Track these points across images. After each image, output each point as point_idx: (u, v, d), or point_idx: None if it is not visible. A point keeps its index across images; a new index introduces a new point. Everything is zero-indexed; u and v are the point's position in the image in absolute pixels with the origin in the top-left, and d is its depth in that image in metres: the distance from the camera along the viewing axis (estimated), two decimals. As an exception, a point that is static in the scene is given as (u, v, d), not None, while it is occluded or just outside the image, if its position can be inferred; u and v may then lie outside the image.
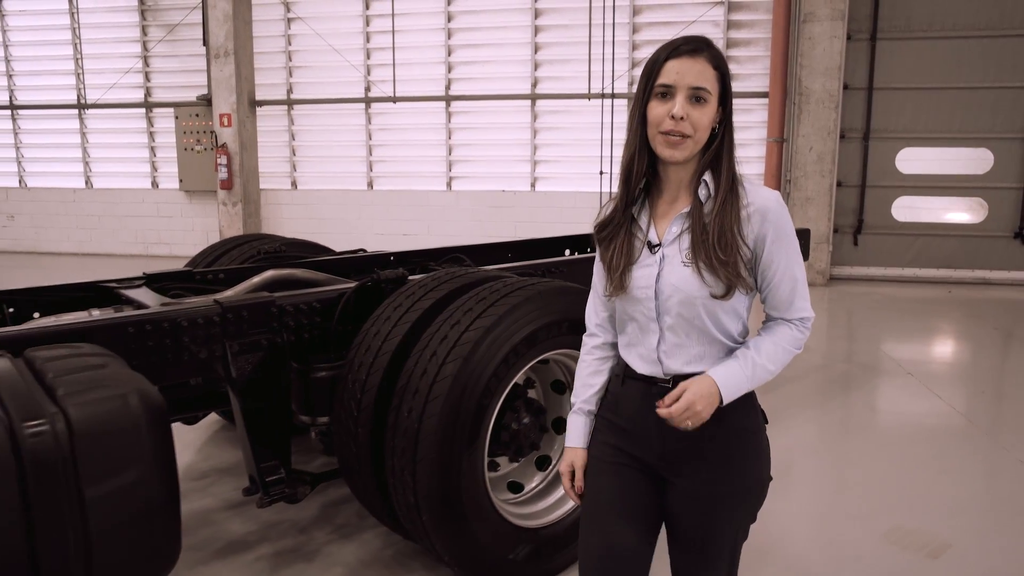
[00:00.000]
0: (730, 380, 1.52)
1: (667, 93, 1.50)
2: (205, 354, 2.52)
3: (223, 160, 10.68)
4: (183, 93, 11.33)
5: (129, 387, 1.80)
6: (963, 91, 8.83)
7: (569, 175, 10.18)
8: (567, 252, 4.91)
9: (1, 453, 1.56)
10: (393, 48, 10.47)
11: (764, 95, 9.39)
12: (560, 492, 2.76)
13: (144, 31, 11.43)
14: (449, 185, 10.71)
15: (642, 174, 1.58)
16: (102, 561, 1.72)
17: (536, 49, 10.11)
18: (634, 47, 9.84)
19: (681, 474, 1.60)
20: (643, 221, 1.60)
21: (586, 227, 3.29)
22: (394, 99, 10.61)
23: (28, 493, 1.60)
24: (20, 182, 12.31)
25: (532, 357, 2.49)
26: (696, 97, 1.49)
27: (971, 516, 3.26)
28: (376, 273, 2.87)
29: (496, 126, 10.38)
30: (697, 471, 1.58)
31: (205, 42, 10.72)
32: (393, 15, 10.42)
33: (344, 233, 10.64)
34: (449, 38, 10.38)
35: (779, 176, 9.21)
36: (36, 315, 3.01)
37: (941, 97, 8.91)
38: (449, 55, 10.41)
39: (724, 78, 1.54)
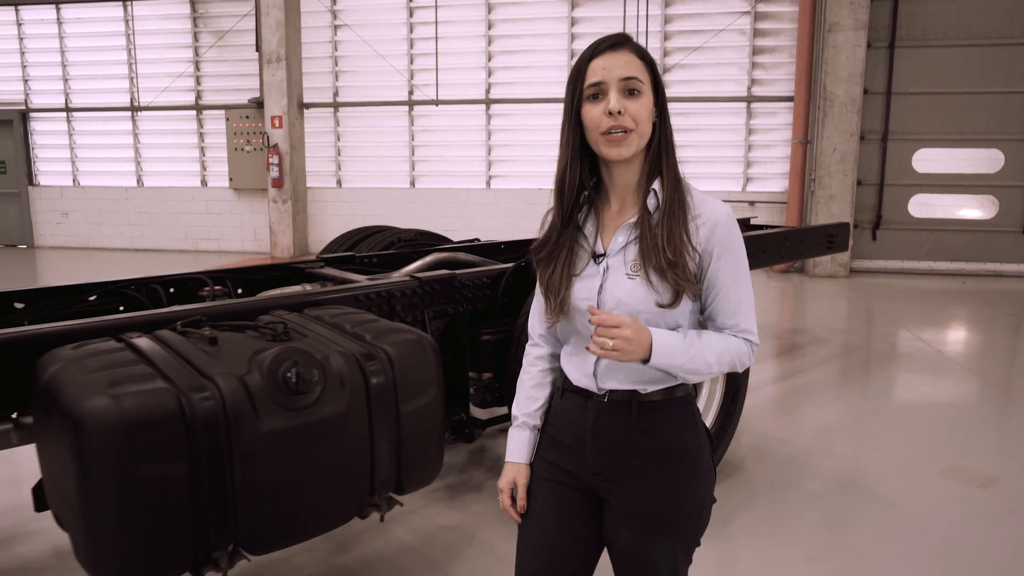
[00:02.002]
0: (665, 340, 1.42)
1: (598, 93, 1.44)
2: (410, 319, 3.13)
3: (275, 160, 11.28)
4: (233, 96, 11.91)
5: (416, 332, 2.42)
6: (975, 95, 9.49)
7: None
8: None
9: (358, 382, 2.17)
10: (436, 54, 11.08)
11: (788, 99, 10.04)
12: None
13: (196, 37, 12.02)
14: (488, 183, 11.32)
15: (575, 185, 1.50)
16: (406, 462, 2.33)
17: (572, 55, 10.71)
18: (665, 53, 10.47)
19: (617, 494, 1.54)
20: (589, 231, 1.53)
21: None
22: (436, 102, 11.22)
23: (371, 410, 2.21)
24: (74, 181, 12.88)
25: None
26: (629, 90, 1.43)
27: (1012, 458, 3.90)
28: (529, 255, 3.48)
29: (534, 128, 10.98)
30: (632, 492, 1.52)
31: (258, 48, 11.32)
32: (436, 22, 11.03)
33: (387, 229, 11.25)
34: (489, 44, 10.99)
35: (804, 175, 9.86)
36: (239, 291, 3.62)
37: (955, 101, 9.57)
38: (489, 60, 11.02)
39: (654, 68, 1.47)
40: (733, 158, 10.46)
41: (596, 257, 1.50)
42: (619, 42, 1.46)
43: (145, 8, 12.06)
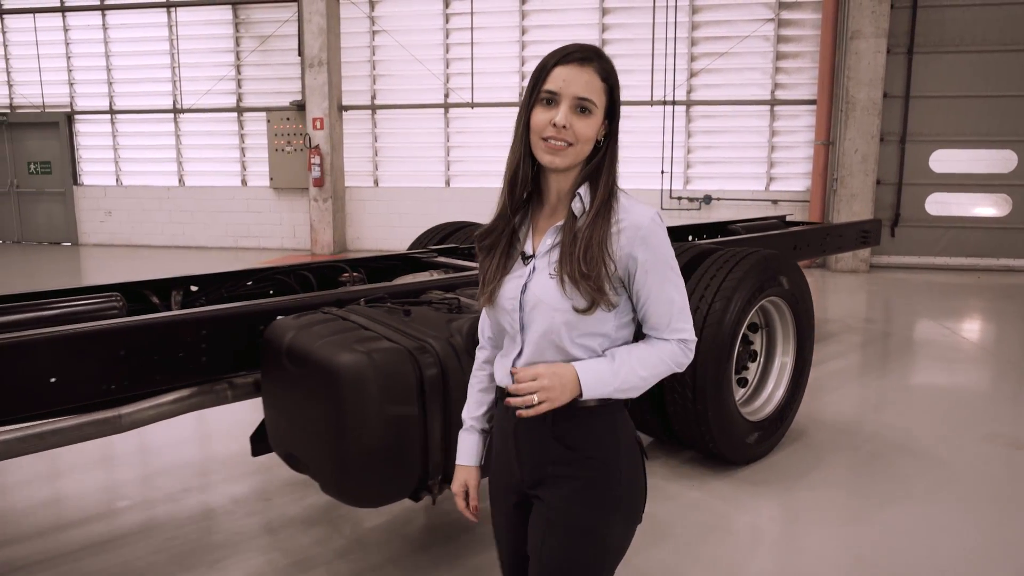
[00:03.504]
0: (591, 371, 1.44)
1: (552, 100, 1.45)
2: (530, 300, 3.62)
3: (316, 160, 11.76)
4: (273, 99, 12.39)
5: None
6: (990, 99, 10.00)
7: (633, 173, 11.26)
8: (692, 237, 6.03)
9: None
10: (472, 58, 11.57)
11: (810, 102, 10.54)
12: (761, 400, 3.88)
13: (237, 42, 12.49)
14: (521, 183, 11.78)
15: (527, 181, 1.52)
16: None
17: (602, 60, 11.19)
18: (692, 59, 10.96)
19: (538, 498, 1.56)
20: (522, 232, 1.57)
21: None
22: (472, 104, 11.71)
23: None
24: (117, 181, 13.35)
25: (758, 301, 3.60)
26: (581, 107, 1.44)
27: (1042, 428, 4.40)
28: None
29: (565, 129, 11.46)
30: (548, 497, 1.53)
31: (300, 53, 11.80)
32: (472, 28, 11.53)
33: (423, 227, 11.59)
34: (523, 50, 11.48)
35: (825, 175, 10.36)
36: (362, 277, 4.10)
37: (970, 104, 10.07)
38: (523, 65, 11.50)
39: (612, 92, 1.49)
40: (757, 158, 10.95)
41: (525, 258, 1.54)
42: (587, 58, 1.46)
43: (188, 14, 12.54)
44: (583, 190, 1.49)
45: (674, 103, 10.96)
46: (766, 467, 3.76)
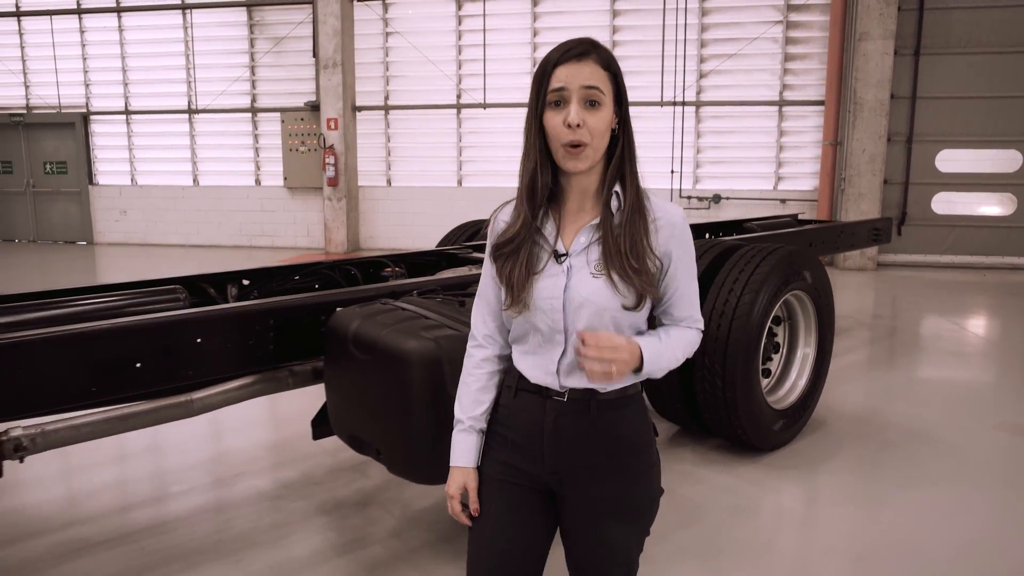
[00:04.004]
0: (650, 348, 1.48)
1: (560, 100, 1.46)
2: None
3: (331, 160, 11.93)
4: (287, 99, 12.56)
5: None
6: (995, 100, 10.18)
7: (644, 173, 11.41)
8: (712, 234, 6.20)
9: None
10: (484, 59, 11.75)
11: (817, 103, 10.72)
12: (784, 389, 4.06)
13: (252, 44, 12.66)
14: (532, 182, 11.95)
15: (547, 187, 1.53)
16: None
17: (613, 61, 11.37)
18: (702, 60, 11.14)
19: (573, 488, 1.57)
20: (548, 231, 1.55)
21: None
22: (484, 105, 11.88)
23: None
24: (132, 180, 13.52)
25: (783, 294, 3.78)
26: (590, 101, 1.45)
27: (1051, 418, 4.58)
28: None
29: (575, 130, 11.64)
30: (590, 486, 1.56)
31: (315, 54, 11.97)
32: (484, 30, 11.70)
33: (435, 226, 11.85)
34: (535, 51, 11.66)
35: (833, 175, 10.53)
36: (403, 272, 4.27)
37: (975, 105, 10.25)
38: (534, 66, 11.63)
39: (617, 78, 1.50)
40: (765, 158, 11.13)
41: (558, 257, 1.52)
42: (585, 52, 1.47)
43: (203, 16, 12.72)
44: (619, 188, 1.52)
45: (684, 104, 11.14)
46: (790, 453, 3.93)
